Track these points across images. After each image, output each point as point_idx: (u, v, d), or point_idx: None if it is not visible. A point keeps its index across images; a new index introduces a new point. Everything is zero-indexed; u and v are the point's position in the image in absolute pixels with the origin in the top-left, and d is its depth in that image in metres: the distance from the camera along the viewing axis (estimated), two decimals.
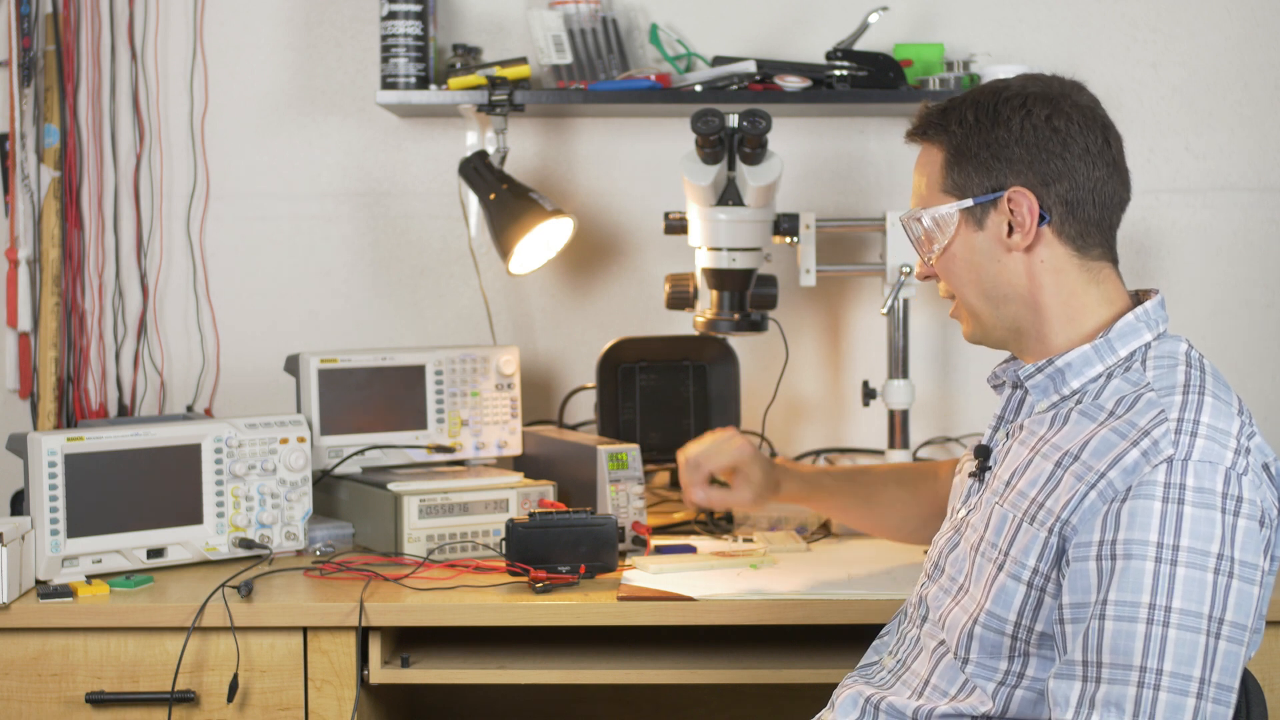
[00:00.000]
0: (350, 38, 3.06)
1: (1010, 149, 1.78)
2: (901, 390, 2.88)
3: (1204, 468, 1.63)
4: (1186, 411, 1.68)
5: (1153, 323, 1.80)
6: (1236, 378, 3.07)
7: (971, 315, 1.86)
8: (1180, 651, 1.59)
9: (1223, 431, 1.67)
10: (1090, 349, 1.78)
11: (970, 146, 1.80)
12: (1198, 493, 1.62)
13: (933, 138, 1.84)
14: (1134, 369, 1.76)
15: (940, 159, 1.83)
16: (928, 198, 1.85)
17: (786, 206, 2.93)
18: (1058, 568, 1.69)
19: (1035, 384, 1.82)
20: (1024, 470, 1.77)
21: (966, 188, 1.81)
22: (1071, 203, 1.78)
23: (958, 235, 1.82)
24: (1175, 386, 1.72)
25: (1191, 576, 1.60)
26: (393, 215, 3.09)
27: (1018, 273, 1.80)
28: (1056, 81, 1.83)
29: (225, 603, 2.26)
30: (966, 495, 1.89)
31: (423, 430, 2.78)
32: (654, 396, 2.92)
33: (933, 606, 1.85)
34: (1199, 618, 1.60)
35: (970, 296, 1.84)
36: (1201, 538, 1.61)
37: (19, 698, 2.28)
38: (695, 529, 2.75)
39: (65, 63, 2.99)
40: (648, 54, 3.00)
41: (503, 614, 2.27)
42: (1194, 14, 3.06)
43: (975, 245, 1.81)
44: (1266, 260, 3.08)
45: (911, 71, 2.91)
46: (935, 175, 1.84)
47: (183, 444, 2.50)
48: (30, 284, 3.01)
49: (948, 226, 1.82)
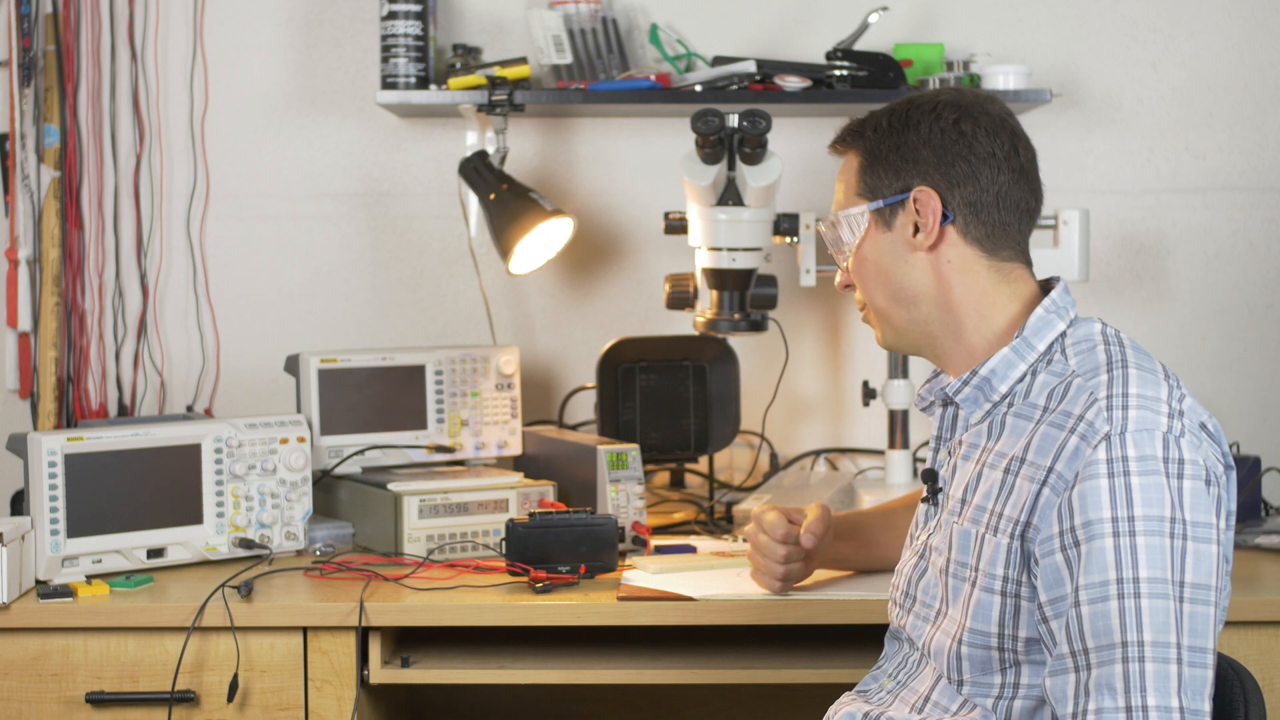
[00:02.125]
0: (350, 38, 3.06)
1: (918, 151, 1.81)
2: (901, 390, 2.88)
3: (1141, 436, 1.64)
4: (1114, 387, 1.69)
5: (1062, 310, 1.81)
6: (1236, 378, 3.08)
7: (882, 319, 1.87)
8: (1155, 620, 1.59)
9: (1152, 399, 1.68)
10: (1009, 351, 1.79)
11: (882, 150, 1.83)
12: (1140, 461, 1.63)
13: (850, 144, 1.88)
14: (1055, 360, 1.77)
15: (856, 164, 1.86)
16: (843, 203, 1.88)
17: (786, 206, 2.93)
18: (1027, 569, 1.70)
19: (964, 397, 1.82)
20: (975, 485, 1.77)
21: (877, 190, 1.84)
22: (976, 205, 1.80)
23: (867, 236, 1.84)
24: (1099, 366, 1.73)
25: (1152, 544, 1.61)
26: (393, 215, 3.09)
27: (925, 272, 1.82)
28: (971, 92, 1.87)
29: (225, 603, 2.26)
30: (924, 519, 1.90)
31: (423, 430, 2.78)
32: (654, 396, 2.92)
33: (914, 636, 1.85)
34: (1165, 584, 1.60)
35: (880, 299, 1.86)
36: (1154, 504, 1.62)
37: (19, 698, 2.28)
38: (695, 529, 2.75)
39: (65, 63, 2.99)
40: (648, 54, 3.00)
41: (503, 614, 2.27)
42: (1194, 14, 3.06)
43: (883, 246, 1.83)
44: (1266, 260, 3.08)
45: (911, 71, 2.91)
46: (851, 181, 1.87)
47: (183, 444, 2.50)
48: (30, 284, 3.01)
49: (858, 228, 1.85)
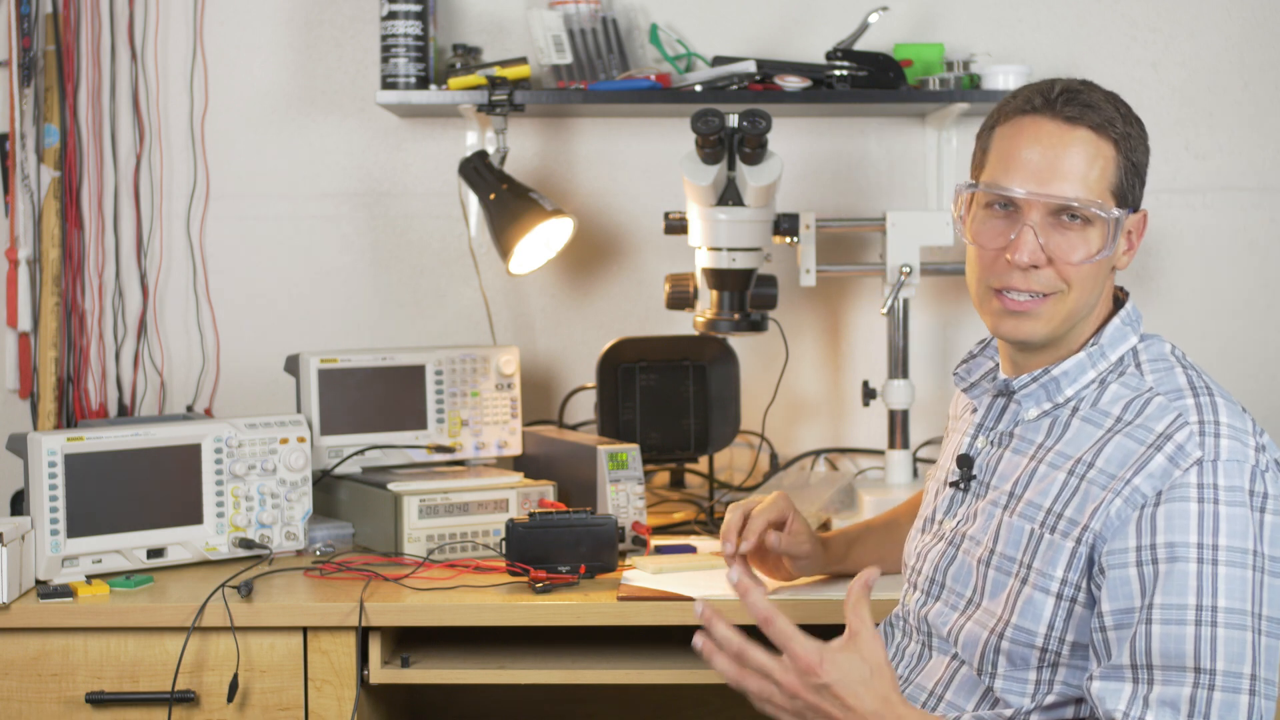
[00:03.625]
0: (350, 38, 3.06)
1: (1146, 171, 1.81)
2: (901, 390, 2.88)
3: (1232, 467, 1.66)
4: (1205, 414, 1.70)
5: (1135, 324, 1.83)
6: (1237, 378, 3.07)
7: (1066, 319, 1.80)
8: (1230, 650, 1.61)
9: (1241, 430, 1.70)
10: (1084, 356, 1.79)
11: (1139, 159, 1.80)
12: (1229, 491, 1.65)
13: (1104, 133, 1.77)
14: (1129, 373, 1.78)
15: (1115, 160, 1.77)
16: (1099, 194, 1.76)
17: (786, 206, 2.93)
18: (1089, 577, 1.70)
19: (1028, 393, 1.82)
20: (1029, 480, 1.77)
21: (1130, 199, 1.79)
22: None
23: (1113, 243, 1.78)
24: (1182, 390, 1.74)
25: (1233, 575, 1.62)
26: (393, 215, 3.09)
27: (1107, 286, 1.83)
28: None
29: (225, 603, 2.26)
30: (949, 505, 1.88)
31: (423, 430, 2.78)
32: (654, 396, 2.92)
33: (937, 624, 1.84)
34: (1244, 615, 1.62)
35: (1083, 303, 1.80)
36: (1238, 535, 1.63)
37: (19, 698, 2.28)
38: (695, 529, 2.75)
39: (65, 63, 2.99)
40: (648, 54, 3.00)
41: (503, 614, 2.27)
42: (1194, 14, 3.06)
43: (1111, 255, 1.79)
44: (1267, 260, 3.08)
45: (911, 71, 2.91)
46: (1109, 175, 1.77)
47: (183, 444, 2.50)
48: (30, 284, 3.01)
49: (1116, 235, 1.78)
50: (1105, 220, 1.76)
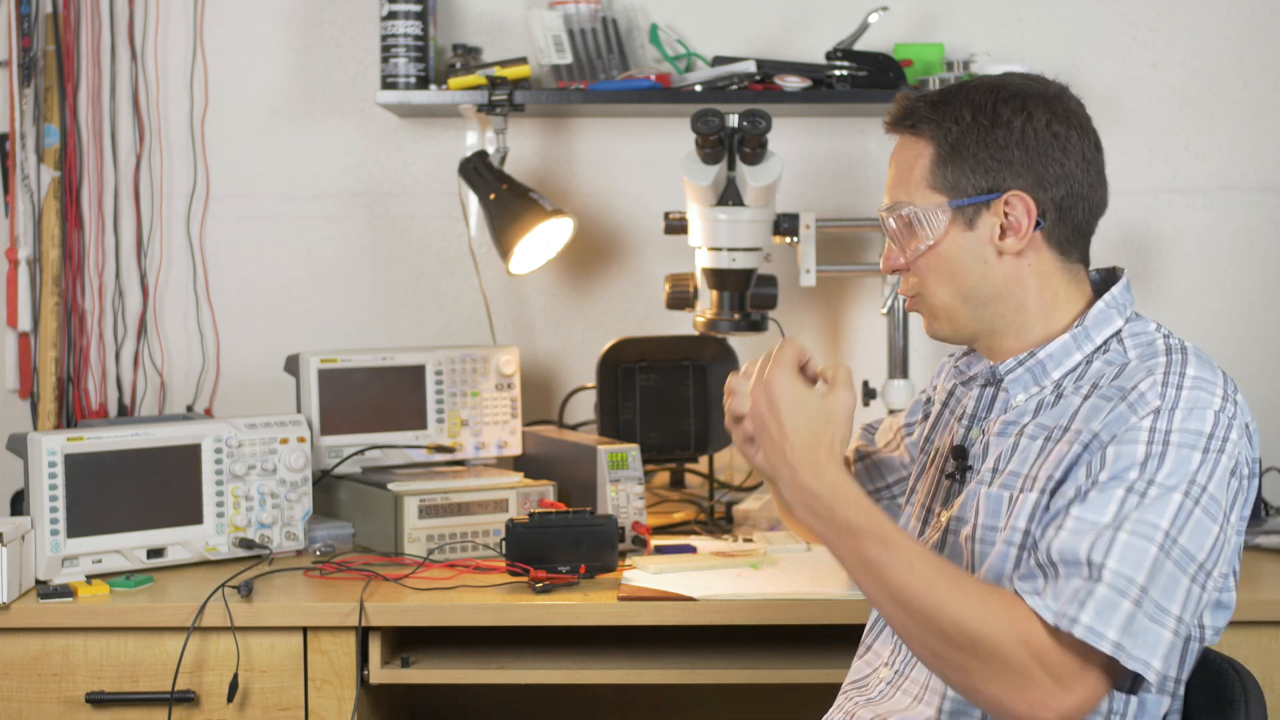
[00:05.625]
0: (350, 38, 3.06)
1: (1010, 151, 1.75)
2: (901, 390, 2.88)
3: (1193, 414, 1.64)
4: (1172, 369, 1.69)
5: (1122, 307, 1.80)
6: (1237, 378, 3.04)
7: (945, 313, 1.82)
8: (1128, 555, 1.59)
9: (1209, 382, 1.68)
10: (1069, 338, 1.78)
11: (966, 145, 1.76)
12: (1183, 434, 1.63)
13: (921, 131, 1.80)
14: (1113, 351, 1.77)
15: (930, 154, 1.78)
16: (912, 193, 1.79)
17: (786, 206, 2.93)
18: None
19: (1015, 378, 1.81)
20: (1010, 455, 1.77)
21: (959, 187, 1.77)
22: (1064, 208, 1.77)
23: (946, 235, 1.78)
24: (1158, 352, 1.73)
25: (1162, 497, 1.61)
26: (393, 215, 3.09)
27: (1004, 275, 1.78)
28: (1047, 83, 1.80)
29: (225, 603, 2.26)
30: (946, 497, 1.88)
31: (423, 430, 2.78)
32: (654, 396, 2.92)
33: None
34: (1155, 529, 1.60)
35: (945, 296, 1.80)
36: (1179, 472, 1.62)
37: (19, 698, 2.28)
38: (695, 529, 2.75)
39: (65, 63, 2.99)
40: (648, 54, 3.00)
41: (503, 614, 2.27)
42: (1194, 14, 3.06)
43: (961, 245, 1.77)
44: (1267, 260, 3.08)
45: (911, 71, 2.91)
46: (922, 170, 1.79)
47: (183, 444, 2.50)
48: (30, 284, 3.01)
49: (936, 225, 1.77)
50: (912, 214, 1.78)
